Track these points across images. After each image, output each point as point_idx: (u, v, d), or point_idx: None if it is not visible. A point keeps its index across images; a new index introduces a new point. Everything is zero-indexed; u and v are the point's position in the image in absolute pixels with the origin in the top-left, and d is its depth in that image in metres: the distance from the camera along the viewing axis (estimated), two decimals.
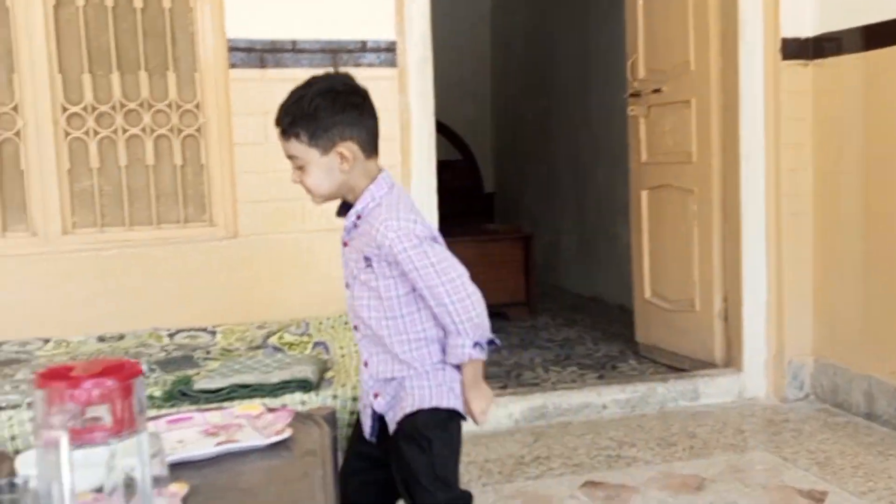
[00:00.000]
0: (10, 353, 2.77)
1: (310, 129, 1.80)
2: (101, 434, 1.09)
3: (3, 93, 2.97)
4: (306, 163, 1.82)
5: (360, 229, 1.84)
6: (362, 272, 1.83)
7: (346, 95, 1.86)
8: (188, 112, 3.13)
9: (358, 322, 1.90)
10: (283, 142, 1.84)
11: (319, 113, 1.80)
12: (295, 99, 1.83)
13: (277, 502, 1.37)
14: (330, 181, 1.83)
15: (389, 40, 3.20)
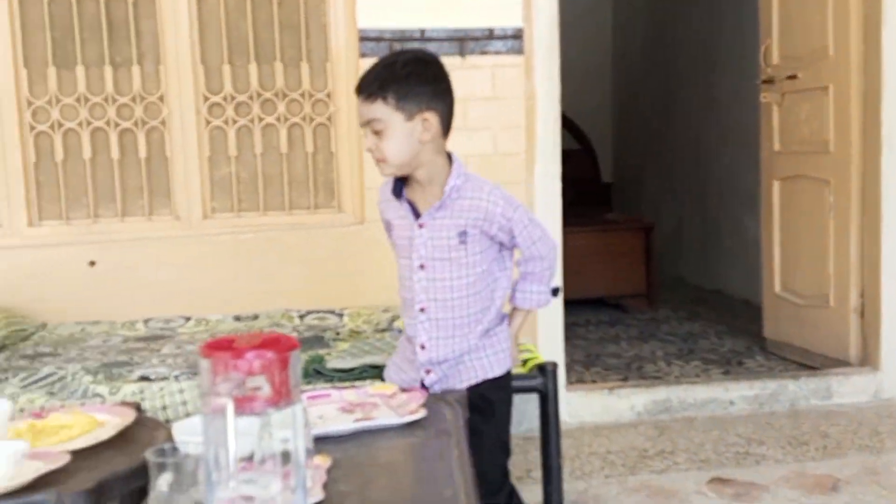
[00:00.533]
0: (156, 330, 2.94)
1: (399, 92, 1.78)
2: (261, 403, 1.14)
3: (150, 83, 3.14)
4: (387, 127, 1.79)
5: (452, 206, 1.84)
6: (452, 250, 1.85)
7: (437, 67, 1.86)
8: (320, 101, 3.23)
9: (430, 304, 1.89)
10: (365, 105, 1.80)
11: (411, 78, 1.80)
12: (385, 64, 1.82)
13: (416, 479, 1.40)
14: (408, 149, 1.81)
15: (516, 27, 3.20)
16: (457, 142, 3.18)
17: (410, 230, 1.89)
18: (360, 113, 1.82)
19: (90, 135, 3.12)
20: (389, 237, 2.03)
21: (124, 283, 3.08)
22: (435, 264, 1.87)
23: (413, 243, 1.88)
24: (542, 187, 3.27)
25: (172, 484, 1.23)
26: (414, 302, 1.91)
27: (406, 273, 1.92)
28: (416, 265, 1.88)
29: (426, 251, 1.87)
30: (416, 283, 1.89)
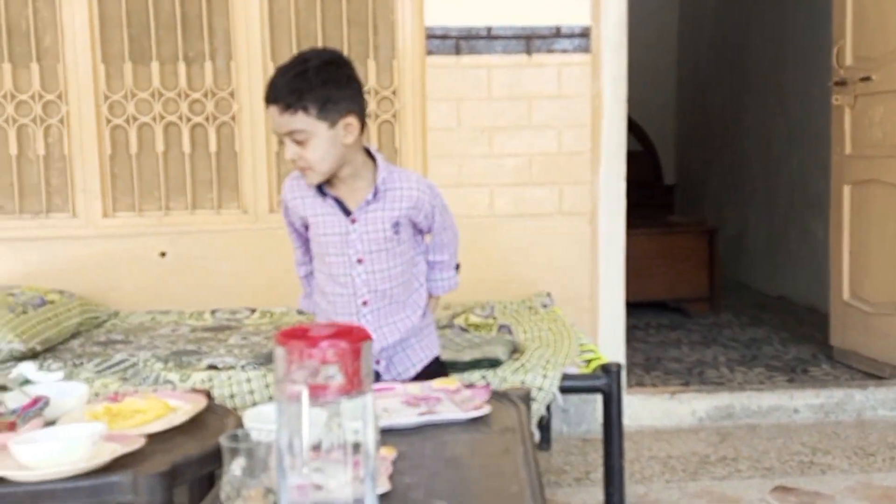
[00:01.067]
0: (223, 320, 3.01)
1: (319, 102, 1.78)
2: (333, 392, 1.16)
3: (222, 79, 3.20)
4: (311, 136, 1.79)
5: (384, 198, 1.89)
6: (387, 241, 1.92)
7: (348, 68, 1.87)
8: (385, 98, 3.25)
9: (371, 296, 1.94)
10: (284, 117, 1.78)
11: (329, 85, 1.79)
12: (296, 73, 1.79)
13: (482, 474, 1.41)
14: (334, 155, 1.82)
15: (584, 25, 3.18)
16: (520, 140, 3.21)
17: (341, 226, 1.91)
18: (278, 124, 1.81)
19: (163, 129, 3.20)
20: (297, 235, 2.05)
21: (193, 275, 3.15)
22: (372, 257, 1.92)
23: (348, 239, 1.91)
24: (606, 188, 3.24)
25: (244, 469, 1.26)
26: (354, 297, 1.94)
27: (341, 270, 1.94)
28: (353, 260, 1.92)
29: (363, 245, 1.92)
30: (355, 278, 1.93)
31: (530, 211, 3.22)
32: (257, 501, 1.26)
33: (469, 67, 3.15)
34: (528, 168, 3.21)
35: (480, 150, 3.18)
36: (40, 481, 1.39)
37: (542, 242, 3.23)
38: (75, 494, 1.41)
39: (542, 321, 2.71)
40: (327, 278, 1.97)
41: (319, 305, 2.06)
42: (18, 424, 1.55)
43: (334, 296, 1.97)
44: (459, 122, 3.17)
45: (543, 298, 3.04)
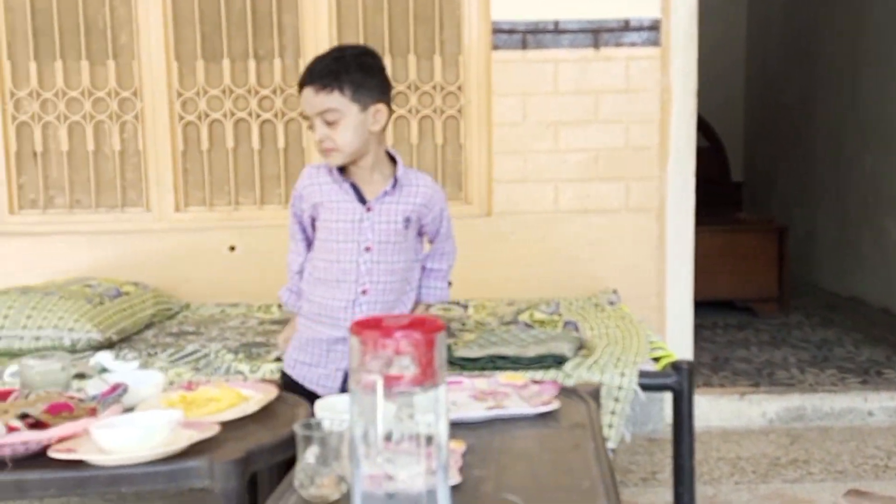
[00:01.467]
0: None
1: (355, 83, 1.87)
2: (407, 383, 1.16)
3: (290, 75, 3.25)
4: (342, 117, 1.87)
5: (399, 192, 1.96)
6: (395, 234, 1.96)
7: (381, 62, 1.97)
8: (451, 93, 3.26)
9: (372, 286, 1.96)
10: (319, 96, 1.86)
11: (364, 70, 1.90)
12: (335, 56, 1.90)
13: (552, 469, 1.39)
14: (360, 139, 1.89)
15: (654, 18, 3.13)
16: (587, 135, 3.18)
17: (354, 213, 1.94)
18: (311, 104, 1.88)
19: (233, 125, 3.26)
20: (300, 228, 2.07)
21: (260, 268, 3.20)
22: (381, 247, 1.96)
23: (360, 226, 1.95)
24: (674, 183, 3.19)
25: (318, 457, 1.28)
26: (356, 284, 1.96)
27: (347, 257, 1.96)
28: (362, 248, 1.95)
29: (373, 234, 1.95)
30: (360, 266, 1.95)
31: (596, 207, 3.19)
32: (330, 489, 1.27)
33: (535, 62, 3.13)
34: (594, 163, 3.18)
35: (546, 145, 3.16)
36: (120, 465, 1.42)
37: (608, 239, 3.20)
38: (153, 479, 1.44)
39: (608, 318, 2.68)
40: (329, 265, 1.98)
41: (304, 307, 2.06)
42: (99, 410, 1.59)
43: (336, 283, 1.97)
44: (525, 117, 3.16)
45: (610, 295, 3.00)
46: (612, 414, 2.04)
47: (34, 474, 1.41)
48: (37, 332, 2.50)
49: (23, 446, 1.43)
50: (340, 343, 1.98)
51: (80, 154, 3.26)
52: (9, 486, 1.40)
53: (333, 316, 1.98)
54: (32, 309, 2.55)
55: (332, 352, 2.01)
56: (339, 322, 1.97)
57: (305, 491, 1.27)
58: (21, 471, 1.41)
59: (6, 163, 3.21)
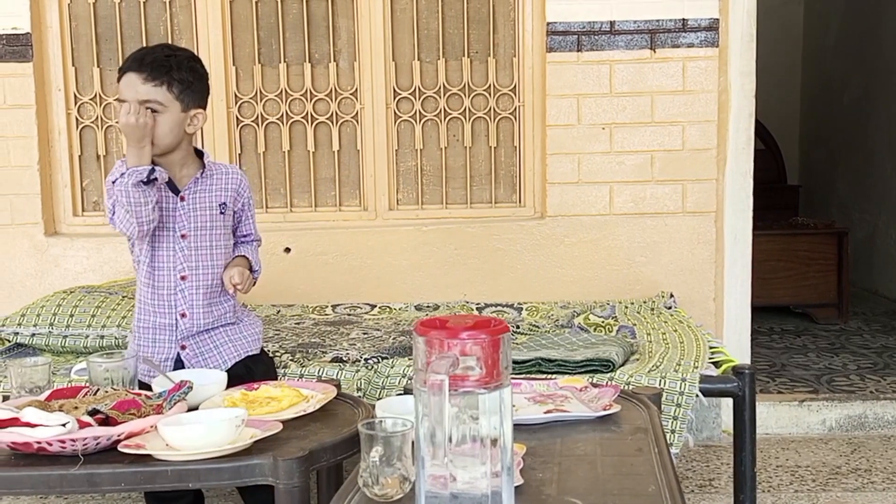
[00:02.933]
0: (343, 315, 3.08)
1: (184, 83, 1.96)
2: (472, 384, 1.16)
3: (345, 79, 3.27)
4: (163, 112, 1.94)
5: (207, 182, 2.05)
6: (213, 219, 2.04)
7: (206, 69, 2.07)
8: (504, 95, 3.25)
9: (190, 273, 2.03)
10: (146, 85, 1.92)
11: (194, 73, 2.00)
12: (167, 53, 1.98)
13: (616, 473, 1.38)
14: (174, 136, 1.98)
15: (711, 18, 3.08)
16: (642, 137, 3.15)
17: (168, 203, 2.01)
18: (136, 91, 1.93)
19: (289, 129, 3.30)
20: None
21: (315, 270, 3.23)
22: (195, 233, 2.03)
23: (174, 215, 2.01)
24: (732, 186, 3.14)
25: (382, 456, 1.28)
26: (174, 271, 2.01)
27: (163, 243, 2.01)
28: (178, 235, 2.02)
29: (186, 222, 2.02)
30: (178, 253, 2.02)
31: (652, 209, 3.15)
32: (394, 488, 1.27)
33: (590, 63, 3.11)
34: (649, 165, 3.15)
35: (600, 147, 3.14)
36: (187, 461, 1.45)
37: (664, 242, 3.16)
38: (218, 475, 1.46)
39: (666, 323, 2.64)
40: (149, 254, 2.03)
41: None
42: (165, 407, 1.62)
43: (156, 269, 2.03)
44: (579, 119, 3.14)
45: (666, 300, 2.97)
46: (673, 419, 2.01)
47: (105, 468, 1.44)
48: (101, 331, 2.56)
49: (94, 441, 1.46)
50: (166, 331, 2.04)
51: None
52: (81, 480, 1.44)
53: (156, 303, 2.04)
54: (97, 308, 2.61)
55: (158, 341, 2.05)
56: (161, 310, 2.04)
57: (370, 490, 1.28)
58: (92, 465, 1.44)
59: (70, 166, 3.29)
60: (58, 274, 3.20)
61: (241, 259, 2.12)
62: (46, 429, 1.46)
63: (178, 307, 2.03)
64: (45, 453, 1.47)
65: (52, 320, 2.59)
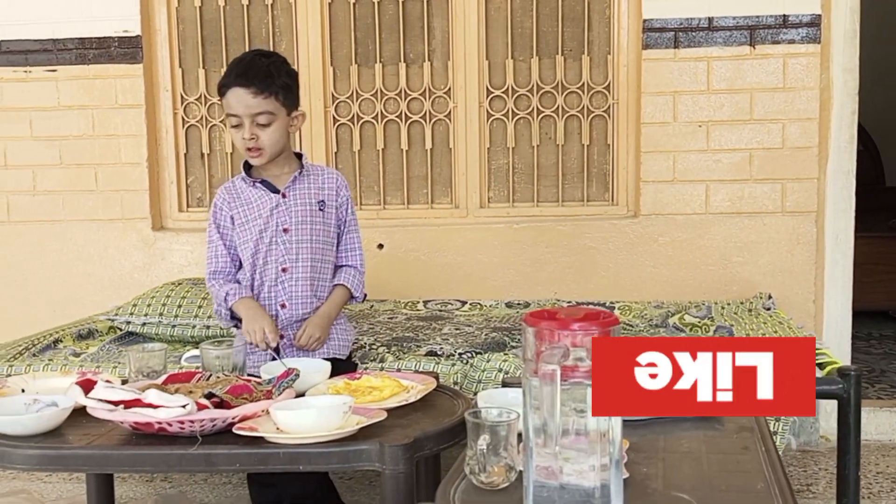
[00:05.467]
0: (435, 310, 3.12)
1: (286, 88, 2.06)
2: (582, 375, 1.17)
3: (439, 78, 3.32)
4: (273, 120, 2.04)
5: (307, 179, 2.14)
6: (314, 215, 2.12)
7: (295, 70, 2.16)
8: (598, 93, 3.24)
9: (291, 265, 2.10)
10: (257, 98, 2.01)
11: (292, 77, 2.11)
12: (265, 62, 2.06)
13: (721, 470, 1.37)
14: (283, 140, 2.09)
15: (813, 14, 3.01)
16: (741, 134, 3.10)
17: (270, 202, 2.10)
18: (247, 105, 2.01)
19: (383, 127, 3.36)
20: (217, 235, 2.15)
21: (407, 266, 3.29)
22: (296, 228, 2.10)
23: (275, 211, 2.10)
24: (834, 185, 3.05)
25: (488, 445, 1.31)
26: (274, 265, 2.10)
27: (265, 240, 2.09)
28: (280, 229, 2.10)
29: (287, 217, 2.11)
30: (280, 247, 2.10)
31: (749, 209, 3.09)
32: (500, 476, 1.30)
33: (687, 60, 3.07)
34: (747, 164, 3.09)
35: (697, 145, 3.10)
36: (299, 444, 1.50)
37: (762, 242, 3.09)
38: (327, 459, 1.51)
39: (764, 324, 2.59)
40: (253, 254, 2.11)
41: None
42: (274, 393, 1.68)
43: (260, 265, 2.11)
44: (675, 117, 3.10)
45: (765, 301, 2.91)
46: (776, 421, 1.98)
47: (221, 449, 1.51)
48: (206, 321, 2.67)
49: (211, 423, 1.53)
50: None
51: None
52: (199, 460, 1.51)
53: (261, 293, 2.12)
54: (202, 300, 2.72)
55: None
56: (264, 300, 2.12)
57: (476, 477, 1.30)
58: (210, 446, 1.52)
59: (176, 164, 3.43)
60: (164, 267, 3.35)
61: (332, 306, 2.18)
62: (167, 410, 1.53)
63: (278, 298, 2.12)
64: (165, 433, 1.55)
65: (161, 310, 2.71)
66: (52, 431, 1.60)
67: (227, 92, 2.04)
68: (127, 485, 2.79)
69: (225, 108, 2.08)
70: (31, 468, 1.62)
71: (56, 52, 3.32)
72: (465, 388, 2.25)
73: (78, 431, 1.60)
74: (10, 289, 3.43)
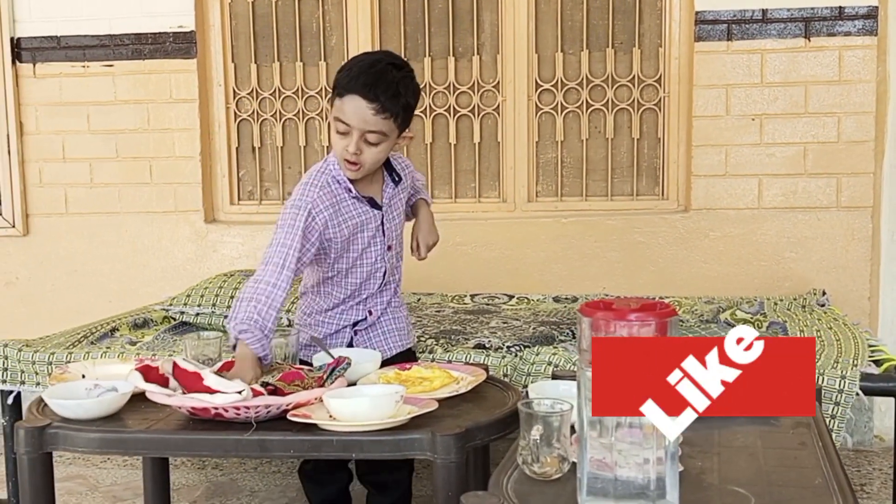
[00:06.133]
0: (482, 304, 3.12)
1: (406, 110, 1.89)
2: None
3: (487, 72, 3.32)
4: (383, 140, 1.87)
5: (395, 188, 2.02)
6: (403, 222, 2.06)
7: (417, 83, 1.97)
8: (649, 86, 3.21)
9: (392, 278, 2.07)
10: (377, 117, 1.83)
11: (415, 94, 1.93)
12: (394, 77, 1.85)
13: (778, 465, 1.35)
14: (384, 157, 1.95)
15: (870, 5, 2.94)
16: (794, 128, 3.04)
17: (371, 221, 1.96)
18: (363, 119, 1.82)
19: (431, 121, 3.37)
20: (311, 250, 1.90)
21: (454, 260, 3.29)
22: (396, 241, 2.06)
23: (381, 229, 1.99)
24: (890, 180, 2.99)
25: (541, 436, 1.31)
26: (375, 279, 2.03)
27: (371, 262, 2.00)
28: (385, 247, 2.01)
29: (391, 232, 2.02)
30: (385, 264, 2.03)
31: (803, 204, 3.04)
32: (553, 467, 1.30)
33: (740, 52, 3.03)
34: (801, 158, 3.04)
35: (749, 139, 3.05)
36: (350, 432, 1.52)
37: (816, 237, 3.04)
38: (380, 447, 1.53)
39: (819, 320, 2.55)
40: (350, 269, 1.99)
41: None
42: (326, 381, 1.70)
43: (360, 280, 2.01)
44: (727, 110, 3.06)
45: (819, 297, 2.86)
46: (832, 418, 1.94)
47: (276, 435, 1.53)
48: None
49: (265, 410, 1.56)
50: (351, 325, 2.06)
51: (292, 149, 3.48)
52: (254, 445, 1.54)
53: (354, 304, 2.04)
54: None
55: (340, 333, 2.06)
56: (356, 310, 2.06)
57: (529, 467, 1.30)
58: (264, 432, 1.54)
59: (228, 157, 3.48)
60: (215, 259, 3.41)
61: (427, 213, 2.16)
62: (223, 396, 1.56)
63: (368, 306, 2.06)
64: (221, 419, 1.58)
65: (214, 301, 2.76)
66: (112, 416, 1.64)
67: (346, 96, 1.83)
68: (180, 471, 2.85)
69: (335, 111, 1.86)
70: (91, 451, 1.67)
71: (113, 48, 3.40)
72: (514, 381, 2.25)
73: (137, 416, 1.64)
74: (69, 278, 3.52)
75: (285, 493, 2.69)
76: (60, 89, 3.45)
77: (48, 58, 3.43)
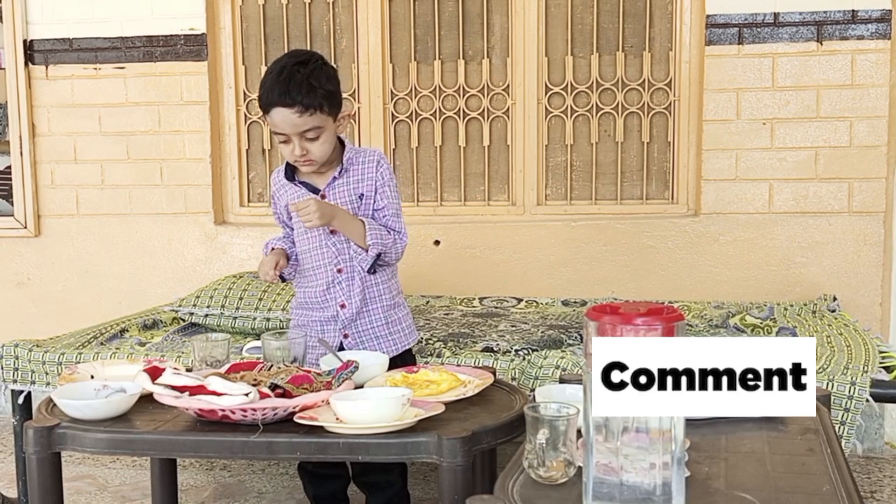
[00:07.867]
0: (490, 307, 3.12)
1: (329, 97, 1.94)
2: None
3: (497, 75, 3.32)
4: (322, 132, 1.96)
5: (346, 176, 2.04)
6: (355, 211, 2.04)
7: (333, 68, 2.04)
8: (659, 90, 3.20)
9: (345, 265, 2.06)
10: (303, 117, 1.91)
11: (332, 82, 1.97)
12: (303, 76, 1.91)
13: (787, 471, 1.34)
14: (332, 146, 2.01)
15: (883, 9, 2.92)
16: (807, 132, 3.03)
17: None
18: (293, 124, 1.92)
19: (441, 124, 3.37)
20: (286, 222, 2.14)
21: (463, 263, 3.29)
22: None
23: None
24: None
25: (547, 440, 1.30)
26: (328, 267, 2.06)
27: (315, 242, 2.06)
28: (327, 231, 2.04)
29: None
30: (331, 248, 2.05)
31: (814, 208, 3.03)
32: (559, 471, 1.29)
33: (751, 56, 3.02)
34: (812, 162, 3.02)
35: (760, 143, 3.04)
36: (357, 434, 1.52)
37: (827, 242, 3.03)
38: (386, 450, 1.53)
39: (830, 326, 2.53)
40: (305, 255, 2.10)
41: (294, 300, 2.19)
42: (333, 384, 1.70)
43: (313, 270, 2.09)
44: (738, 114, 3.05)
45: (829, 302, 2.84)
46: (841, 424, 1.93)
47: (283, 437, 1.54)
48: (267, 314, 2.71)
49: (272, 412, 1.56)
50: (331, 322, 2.09)
51: None
52: (261, 447, 1.54)
53: (317, 300, 2.09)
54: (263, 293, 2.77)
55: (325, 332, 2.10)
56: (323, 305, 2.09)
57: (534, 471, 1.30)
58: (271, 434, 1.54)
59: (238, 159, 3.50)
60: (225, 260, 3.42)
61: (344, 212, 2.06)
62: (231, 398, 1.57)
63: (338, 299, 2.09)
64: (228, 421, 1.58)
65: (223, 302, 2.77)
66: (120, 416, 1.64)
67: (271, 111, 1.94)
68: (188, 472, 2.86)
69: (270, 126, 2.00)
70: (99, 451, 1.67)
71: (124, 50, 3.42)
72: (522, 384, 2.24)
73: (144, 417, 1.65)
74: (79, 279, 3.54)
75: (293, 494, 2.69)
76: (72, 91, 3.47)
77: (60, 60, 3.46)
